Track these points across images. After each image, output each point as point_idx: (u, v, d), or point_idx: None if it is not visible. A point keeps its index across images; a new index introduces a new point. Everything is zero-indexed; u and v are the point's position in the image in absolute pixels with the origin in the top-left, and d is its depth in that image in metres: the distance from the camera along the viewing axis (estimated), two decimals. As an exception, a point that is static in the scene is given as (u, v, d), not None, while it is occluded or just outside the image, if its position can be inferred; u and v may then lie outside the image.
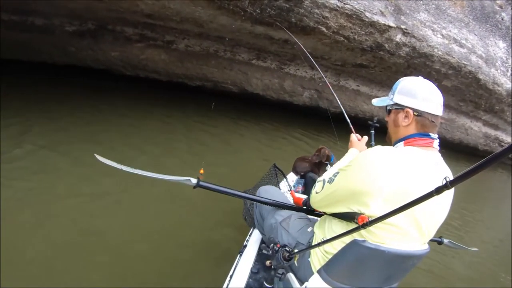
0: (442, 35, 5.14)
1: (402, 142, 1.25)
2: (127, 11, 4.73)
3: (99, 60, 6.14)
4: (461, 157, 8.10)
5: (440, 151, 1.26)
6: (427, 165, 1.16)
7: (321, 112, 7.42)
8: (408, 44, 4.87)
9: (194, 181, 1.43)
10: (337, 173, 1.26)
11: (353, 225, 1.17)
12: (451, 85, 6.36)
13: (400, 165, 1.12)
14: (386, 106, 1.35)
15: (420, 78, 1.29)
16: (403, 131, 1.26)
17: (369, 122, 2.12)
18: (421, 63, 5.50)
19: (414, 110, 1.22)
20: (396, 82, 1.31)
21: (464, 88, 6.40)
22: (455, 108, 7.57)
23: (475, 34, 5.60)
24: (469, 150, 8.37)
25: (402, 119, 1.25)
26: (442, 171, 1.20)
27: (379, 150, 1.17)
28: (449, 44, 5.23)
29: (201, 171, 2.44)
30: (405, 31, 4.60)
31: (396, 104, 1.28)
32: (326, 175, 1.35)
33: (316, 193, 1.35)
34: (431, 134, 1.22)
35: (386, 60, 5.49)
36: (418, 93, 1.23)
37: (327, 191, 1.29)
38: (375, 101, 1.45)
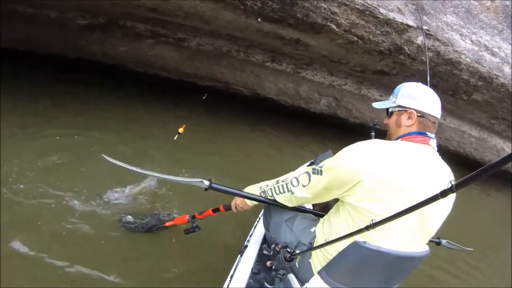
0: (471, 40, 4.61)
1: (400, 139, 1.34)
2: (131, 6, 4.57)
3: (108, 55, 6.06)
4: (489, 181, 7.32)
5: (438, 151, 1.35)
6: (422, 157, 1.25)
7: (340, 122, 7.00)
8: (432, 48, 4.37)
9: (206, 183, 1.53)
10: (323, 165, 1.31)
11: (352, 225, 1.21)
12: (481, 99, 5.74)
13: (390, 153, 1.21)
14: (388, 109, 1.45)
15: (420, 83, 1.41)
16: (403, 131, 1.35)
17: (370, 124, 2.29)
18: (447, 72, 4.97)
19: (417, 111, 1.32)
20: (398, 86, 1.44)
21: (496, 103, 5.76)
22: (487, 126, 6.85)
23: (509, 43, 5.00)
24: (499, 173, 7.53)
25: (406, 119, 1.34)
26: (440, 165, 1.30)
27: (371, 140, 1.32)
28: (479, 51, 4.68)
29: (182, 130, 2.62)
30: (428, 32, 4.12)
31: (399, 106, 1.38)
32: (308, 168, 1.40)
33: (303, 186, 1.38)
34: (427, 133, 1.30)
35: (408, 67, 5.00)
36: (420, 96, 1.35)
37: (318, 182, 1.33)
38: (377, 104, 1.54)
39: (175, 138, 2.76)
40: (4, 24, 5.60)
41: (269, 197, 1.54)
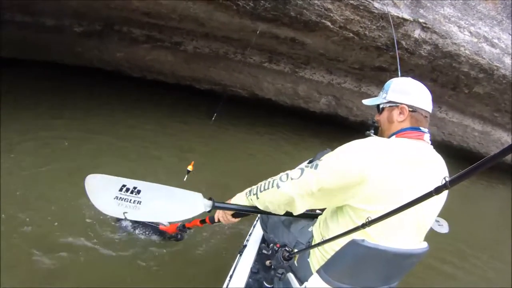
0: (470, 32, 4.54)
1: (394, 136, 1.31)
2: (126, 10, 4.57)
3: (105, 61, 6.07)
4: (494, 176, 7.21)
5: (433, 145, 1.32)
6: (419, 154, 1.24)
7: (340, 121, 6.95)
8: (429, 41, 4.32)
9: (208, 205, 1.47)
10: (320, 160, 1.24)
11: (351, 225, 1.16)
12: (483, 92, 5.66)
13: (390, 151, 1.18)
14: (379, 105, 1.41)
15: (410, 78, 1.38)
16: (396, 127, 1.33)
17: (368, 122, 2.22)
18: (446, 65, 4.91)
19: (409, 106, 1.31)
20: (388, 82, 1.40)
21: (498, 95, 5.68)
22: (490, 119, 6.75)
23: (509, 34, 4.93)
24: (505, 167, 7.41)
25: (397, 115, 1.32)
26: (436, 161, 1.28)
27: (370, 137, 1.24)
28: (478, 42, 4.61)
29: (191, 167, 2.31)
30: (424, 25, 4.06)
31: (390, 101, 1.36)
32: (303, 165, 1.32)
33: (292, 179, 1.24)
34: (421, 128, 1.29)
35: (406, 61, 4.94)
36: (411, 91, 1.34)
37: (311, 176, 1.20)
38: (367, 101, 1.49)
39: (184, 179, 2.35)
40: (2, 33, 5.61)
41: (253, 195, 1.42)
